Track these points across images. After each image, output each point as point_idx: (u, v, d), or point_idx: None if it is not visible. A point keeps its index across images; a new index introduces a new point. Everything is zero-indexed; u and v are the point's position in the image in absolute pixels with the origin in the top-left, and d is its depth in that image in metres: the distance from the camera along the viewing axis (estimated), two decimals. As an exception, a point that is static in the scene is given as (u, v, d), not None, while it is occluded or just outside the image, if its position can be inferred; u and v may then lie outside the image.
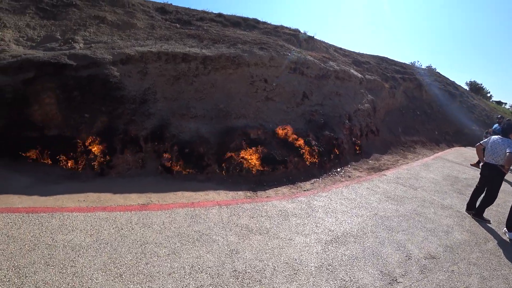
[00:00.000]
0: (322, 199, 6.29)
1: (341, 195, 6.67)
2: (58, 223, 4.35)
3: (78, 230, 4.21)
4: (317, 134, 9.18)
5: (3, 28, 8.25)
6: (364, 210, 5.98)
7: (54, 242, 3.89)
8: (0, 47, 7.65)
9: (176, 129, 7.06)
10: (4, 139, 7.02)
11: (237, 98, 8.01)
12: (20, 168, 6.95)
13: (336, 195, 6.63)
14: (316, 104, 9.98)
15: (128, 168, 6.76)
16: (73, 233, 4.13)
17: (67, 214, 4.64)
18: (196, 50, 8.17)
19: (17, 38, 8.13)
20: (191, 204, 5.35)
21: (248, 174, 7.09)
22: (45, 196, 5.50)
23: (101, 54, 7.49)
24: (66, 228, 4.24)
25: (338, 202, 6.22)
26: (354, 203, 6.31)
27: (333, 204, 6.11)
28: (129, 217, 4.64)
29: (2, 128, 7.07)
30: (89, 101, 7.05)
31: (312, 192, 6.67)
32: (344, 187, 7.29)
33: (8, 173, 6.76)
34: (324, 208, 5.82)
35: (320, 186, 7.29)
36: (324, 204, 6.02)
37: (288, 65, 9.77)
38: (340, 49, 16.75)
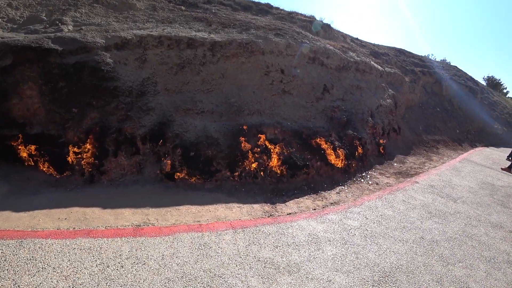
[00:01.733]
0: (356, 217, 5.22)
1: (377, 211, 5.59)
2: (26, 257, 3.29)
3: (50, 268, 3.15)
4: (340, 134, 8.06)
5: (-20, 8, 7.11)
6: (407, 233, 4.92)
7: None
8: (-25, 29, 6.53)
9: (179, 128, 5.95)
10: (-21, 136, 5.97)
11: (250, 90, 6.88)
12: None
13: (371, 212, 5.55)
14: (337, 99, 8.83)
15: (122, 174, 5.70)
16: (43, 273, 3.07)
17: (40, 242, 3.58)
18: (204, 35, 7.00)
19: (-4, 19, 6.99)
20: (198, 226, 4.27)
21: (264, 181, 6.02)
22: (19, 212, 4.46)
23: (92, 37, 6.35)
24: (35, 264, 3.18)
25: (376, 222, 5.15)
26: (394, 222, 5.25)
27: (370, 224, 5.04)
28: (118, 247, 3.57)
29: (-24, 124, 6.01)
30: (77, 93, 5.94)
31: (343, 207, 5.59)
32: (377, 200, 6.21)
33: (-16, 179, 5.75)
34: (362, 231, 4.75)
35: (348, 198, 6.21)
36: (360, 225, 4.95)
37: (306, 54, 8.58)
38: (356, 39, 15.47)
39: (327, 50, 9.35)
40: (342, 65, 9.84)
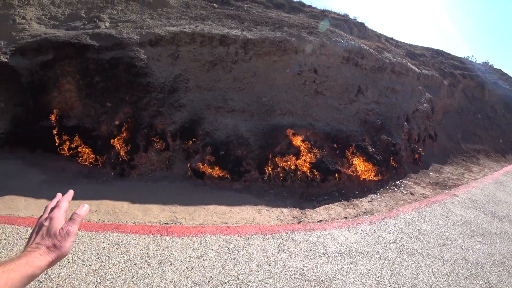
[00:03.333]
0: (391, 230, 4.85)
1: (413, 225, 5.17)
2: None
3: (80, 260, 3.16)
4: (374, 139, 7.64)
5: (25, 6, 7.47)
6: (448, 251, 4.49)
7: (46, 279, 2.86)
8: (21, 26, 6.86)
9: (210, 125, 5.88)
10: (22, 128, 6.27)
11: (282, 90, 6.67)
12: (36, 162, 6.17)
13: (407, 225, 5.14)
14: (371, 102, 8.40)
15: (152, 170, 5.72)
16: (73, 265, 3.08)
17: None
18: (236, 32, 6.89)
19: (39, 17, 7.31)
20: (226, 229, 4.13)
21: (294, 184, 5.79)
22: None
23: (127, 34, 6.44)
24: (66, 257, 3.20)
25: (413, 236, 4.74)
26: (433, 238, 4.82)
27: (407, 239, 4.65)
28: (146, 245, 3.52)
29: (19, 117, 6.31)
30: (111, 88, 6.05)
31: (376, 218, 5.23)
32: (414, 212, 5.77)
33: (25, 166, 6.01)
34: (398, 246, 4.39)
35: (381, 207, 5.83)
36: (396, 239, 4.58)
37: (341, 54, 8.22)
38: (391, 39, 14.72)
39: (362, 50, 8.92)
40: (377, 66, 9.36)
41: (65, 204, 0.89)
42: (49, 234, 0.78)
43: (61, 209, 0.86)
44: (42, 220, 0.82)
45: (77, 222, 0.83)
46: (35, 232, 0.80)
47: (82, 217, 0.85)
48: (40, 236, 0.78)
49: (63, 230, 0.79)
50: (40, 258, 0.73)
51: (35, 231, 0.80)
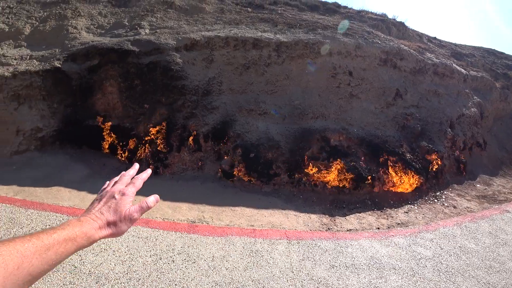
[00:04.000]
0: (428, 245, 4.47)
1: (454, 241, 4.71)
2: None
3: (111, 250, 3.33)
4: (412, 145, 7.17)
5: (77, 17, 8.16)
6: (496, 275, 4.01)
7: (80, 265, 3.07)
8: (72, 35, 7.50)
9: (241, 128, 5.93)
10: (71, 126, 6.83)
11: (315, 93, 6.53)
12: (81, 157, 6.68)
13: (447, 241, 4.70)
14: (411, 106, 7.91)
15: (184, 169, 5.90)
16: (104, 255, 3.25)
17: None
18: (269, 35, 6.90)
19: (88, 26, 7.94)
20: (252, 231, 4.10)
21: (324, 190, 5.62)
22: (94, 194, 4.89)
23: (165, 39, 6.74)
24: (99, 245, 3.40)
25: (453, 254, 4.32)
26: (477, 258, 4.35)
27: (446, 256, 4.25)
28: (172, 241, 3.61)
29: (69, 116, 6.88)
30: (149, 90, 6.36)
31: (412, 231, 4.87)
32: (455, 227, 5.28)
33: (71, 161, 6.54)
34: (435, 263, 4.02)
35: (418, 220, 5.43)
36: (433, 255, 4.20)
37: (377, 55, 7.87)
38: (434, 39, 13.80)
39: (401, 50, 8.46)
40: (418, 67, 8.81)
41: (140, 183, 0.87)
42: (115, 209, 0.76)
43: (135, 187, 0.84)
44: (115, 191, 0.80)
45: (144, 210, 0.80)
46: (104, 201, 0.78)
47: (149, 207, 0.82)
48: (107, 207, 0.76)
49: (129, 212, 0.77)
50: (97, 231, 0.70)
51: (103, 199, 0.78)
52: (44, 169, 6.12)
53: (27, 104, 6.63)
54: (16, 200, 4.69)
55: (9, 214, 4.25)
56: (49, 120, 6.74)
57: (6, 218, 4.13)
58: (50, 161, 6.48)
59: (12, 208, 4.42)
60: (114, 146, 6.45)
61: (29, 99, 6.64)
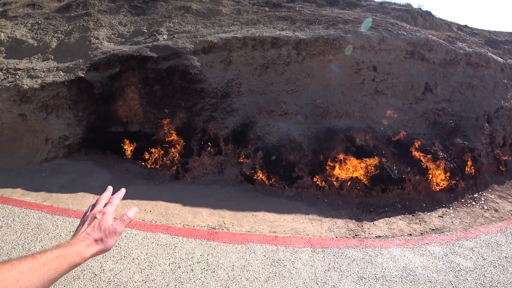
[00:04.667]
0: (468, 255, 4.02)
1: (499, 251, 4.21)
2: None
3: (130, 258, 3.27)
4: (445, 143, 6.65)
5: (99, 28, 8.40)
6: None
7: (100, 273, 3.02)
8: (94, 45, 7.71)
9: (262, 129, 5.77)
10: (95, 133, 7.00)
11: (338, 91, 6.24)
12: (105, 163, 6.81)
13: (491, 250, 4.21)
14: (442, 100, 7.37)
15: (205, 173, 5.82)
16: (124, 262, 3.19)
17: (126, 230, 3.81)
18: (288, 33, 6.69)
19: (109, 36, 8.14)
20: (274, 238, 3.90)
21: (350, 193, 5.31)
22: (117, 201, 4.94)
23: (182, 43, 6.74)
24: (119, 252, 3.36)
25: (498, 266, 3.85)
26: (531, 267, 3.87)
27: (490, 268, 3.79)
28: (192, 249, 3.49)
29: (93, 123, 7.06)
30: (168, 95, 6.37)
31: (449, 238, 4.43)
32: (499, 234, 4.75)
33: (95, 167, 6.69)
34: (477, 276, 3.59)
35: (455, 225, 4.96)
36: (475, 267, 3.77)
37: (403, 48, 7.41)
38: (464, 27, 12.91)
39: (429, 41, 7.92)
40: (449, 58, 8.21)
41: (117, 201, 0.95)
42: (99, 228, 0.83)
43: (113, 205, 0.92)
44: (95, 212, 0.88)
45: (125, 222, 0.88)
46: (87, 223, 0.85)
47: (131, 219, 0.90)
48: (91, 227, 0.83)
49: (112, 227, 0.85)
50: (86, 249, 0.78)
51: (87, 221, 0.86)
52: (71, 175, 6.29)
53: (55, 114, 6.87)
54: (44, 207, 4.82)
55: (37, 220, 4.35)
56: (75, 128, 6.94)
57: (34, 224, 4.23)
58: (76, 167, 6.66)
59: (39, 214, 4.53)
60: (136, 152, 6.52)
61: (57, 109, 6.87)
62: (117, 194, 0.99)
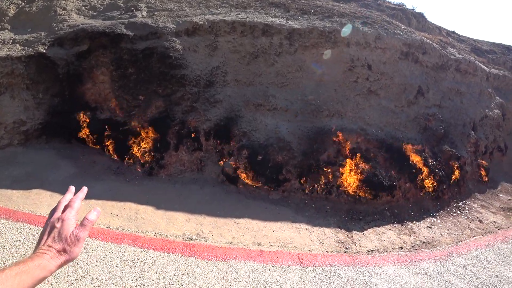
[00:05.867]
0: (461, 273, 3.78)
1: (489, 269, 4.01)
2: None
3: (89, 278, 2.68)
4: (434, 149, 6.48)
5: (68, -5, 7.37)
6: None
7: None
8: (61, 17, 6.74)
9: (248, 125, 5.24)
10: (58, 118, 6.14)
11: (331, 88, 5.82)
12: (69, 153, 6.02)
13: (482, 268, 4.00)
14: (433, 105, 7.20)
15: (182, 171, 5.24)
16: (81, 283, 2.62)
17: (87, 241, 3.20)
18: (281, 21, 6.14)
19: (79, 7, 7.17)
20: (259, 253, 3.43)
21: (339, 199, 4.96)
22: (78, 200, 4.25)
23: (163, 23, 6.00)
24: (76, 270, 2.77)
25: (492, 286, 3.65)
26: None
27: None
28: (163, 267, 2.96)
29: (56, 107, 6.19)
30: (144, 80, 5.66)
31: (441, 254, 4.19)
32: (488, 249, 4.60)
33: (58, 158, 5.88)
34: None
35: (444, 237, 4.77)
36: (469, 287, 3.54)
37: (399, 48, 7.11)
38: (453, 33, 12.94)
39: (423, 44, 7.69)
40: (441, 63, 8.05)
41: (78, 203, 0.88)
42: (60, 237, 0.78)
43: (73, 209, 0.86)
44: (54, 220, 0.82)
45: (88, 227, 0.83)
46: (47, 233, 0.80)
47: (92, 222, 0.85)
48: (51, 238, 0.78)
49: (74, 235, 0.80)
50: (50, 261, 0.74)
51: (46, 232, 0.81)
52: (27, 167, 5.47)
53: (9, 94, 5.92)
54: (-12, 206, 4.05)
55: (-24, 223, 3.61)
56: (33, 112, 6.05)
57: (-28, 229, 3.49)
58: (34, 157, 5.82)
59: (-19, 216, 3.77)
60: (104, 142, 5.78)
61: (11, 88, 5.93)
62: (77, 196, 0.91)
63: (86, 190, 0.95)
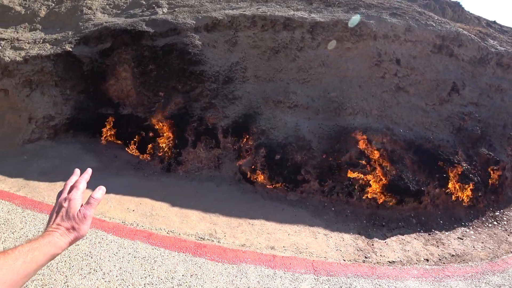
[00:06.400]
0: None
1: None
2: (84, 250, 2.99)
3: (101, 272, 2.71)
4: (468, 152, 5.95)
5: (93, -5, 7.58)
6: None
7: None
8: (86, 16, 6.94)
9: (266, 122, 5.10)
10: (83, 114, 6.37)
11: (355, 84, 5.50)
12: (93, 147, 6.23)
13: None
14: (469, 103, 6.61)
15: (199, 168, 5.21)
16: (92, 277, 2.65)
17: (102, 235, 3.26)
18: (303, 14, 5.89)
19: (104, 6, 7.34)
20: (271, 258, 3.28)
21: (361, 203, 4.69)
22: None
23: (183, 18, 5.97)
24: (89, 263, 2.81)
25: None
26: None
27: None
28: (173, 266, 2.91)
29: (82, 103, 6.41)
30: (164, 76, 5.68)
31: (474, 271, 3.79)
32: None
33: (83, 151, 6.11)
34: None
35: (477, 251, 4.33)
36: None
37: (431, 41, 6.60)
38: (493, 23, 11.87)
39: (459, 35, 7.07)
40: (479, 56, 7.38)
41: (83, 184, 0.91)
42: (68, 216, 0.81)
43: (79, 190, 0.88)
44: (62, 200, 0.85)
45: (94, 205, 0.86)
46: (55, 212, 0.83)
47: (98, 200, 0.88)
48: (60, 217, 0.81)
49: (81, 213, 0.82)
50: (60, 239, 0.77)
51: (55, 211, 0.84)
52: (54, 160, 5.72)
53: (39, 90, 6.22)
54: (17, 197, 4.26)
55: (5, 214, 3.80)
56: (61, 107, 6.30)
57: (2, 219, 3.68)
58: (61, 151, 6.08)
59: (10, 206, 3.98)
60: (126, 137, 5.90)
61: (41, 85, 6.22)
62: (82, 177, 0.94)
63: (91, 172, 0.98)
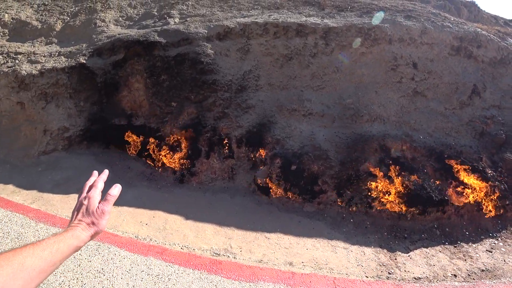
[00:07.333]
0: None
1: None
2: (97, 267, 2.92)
3: None
4: (493, 157, 5.66)
5: (106, 10, 7.70)
6: None
7: None
8: (100, 29, 7.03)
9: (281, 132, 4.98)
10: (97, 125, 6.41)
11: (371, 90, 5.34)
12: (107, 158, 6.25)
13: None
14: (491, 106, 6.33)
15: (213, 179, 5.12)
16: None
17: (114, 251, 3.19)
18: (316, 20, 5.79)
19: (117, 18, 7.44)
20: (290, 276, 3.12)
21: (381, 213, 4.50)
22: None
23: (195, 28, 5.96)
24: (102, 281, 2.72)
25: None
26: None
27: None
28: (188, 284, 2.81)
29: (95, 114, 6.46)
30: (177, 86, 5.65)
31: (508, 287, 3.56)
32: None
33: (96, 163, 6.12)
34: None
35: (509, 265, 4.07)
36: None
37: (448, 43, 6.38)
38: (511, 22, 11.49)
39: (478, 36, 6.82)
40: (500, 57, 7.09)
41: (101, 184, 1.00)
42: (88, 212, 0.90)
43: (97, 188, 0.97)
44: (82, 199, 0.94)
45: (111, 201, 0.94)
46: (77, 210, 0.92)
47: (115, 197, 0.95)
48: (81, 214, 0.90)
49: (99, 209, 0.91)
50: (82, 233, 0.85)
51: (76, 209, 0.92)
52: (68, 171, 5.76)
53: (54, 103, 6.30)
54: (31, 210, 4.27)
55: (19, 228, 3.80)
56: (75, 119, 6.36)
57: (15, 233, 3.68)
58: (75, 162, 6.12)
59: (23, 220, 3.98)
60: (140, 148, 5.89)
61: (56, 98, 6.30)
62: (100, 177, 1.02)
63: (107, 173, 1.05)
